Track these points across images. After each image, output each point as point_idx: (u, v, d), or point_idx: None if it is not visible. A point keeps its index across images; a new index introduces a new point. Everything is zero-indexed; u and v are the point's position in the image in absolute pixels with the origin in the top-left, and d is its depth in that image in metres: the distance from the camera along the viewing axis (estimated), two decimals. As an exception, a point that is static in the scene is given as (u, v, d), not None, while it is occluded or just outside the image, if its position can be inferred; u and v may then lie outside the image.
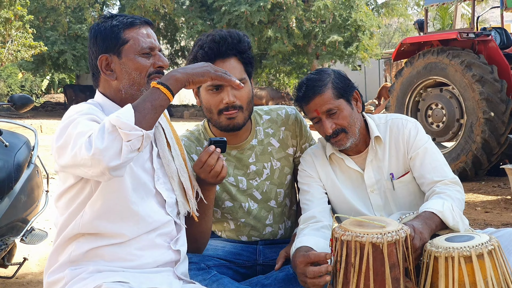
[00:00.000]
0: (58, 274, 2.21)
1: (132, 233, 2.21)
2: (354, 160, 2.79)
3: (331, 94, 2.65)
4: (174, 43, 29.43)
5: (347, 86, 2.71)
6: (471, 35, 8.95)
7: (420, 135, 2.75)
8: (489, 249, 2.08)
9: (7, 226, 3.81)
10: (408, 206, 2.74)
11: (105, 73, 2.30)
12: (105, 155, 1.89)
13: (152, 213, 2.25)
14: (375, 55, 26.74)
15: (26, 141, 4.23)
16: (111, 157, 1.90)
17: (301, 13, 24.81)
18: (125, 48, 2.27)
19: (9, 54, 20.12)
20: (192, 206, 2.42)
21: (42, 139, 12.82)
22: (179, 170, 2.40)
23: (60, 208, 2.26)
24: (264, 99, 25.54)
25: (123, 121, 1.91)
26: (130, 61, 2.27)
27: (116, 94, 2.31)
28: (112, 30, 2.29)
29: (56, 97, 36.46)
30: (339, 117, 2.66)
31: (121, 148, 1.91)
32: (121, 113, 1.94)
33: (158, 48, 2.34)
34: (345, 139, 2.68)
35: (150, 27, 2.37)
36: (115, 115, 1.92)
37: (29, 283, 4.53)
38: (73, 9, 26.45)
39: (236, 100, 2.64)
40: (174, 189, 2.36)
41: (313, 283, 2.25)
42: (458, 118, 9.02)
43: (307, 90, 2.67)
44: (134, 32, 2.29)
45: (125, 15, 2.34)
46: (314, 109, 2.67)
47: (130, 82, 2.28)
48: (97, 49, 2.31)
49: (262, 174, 2.88)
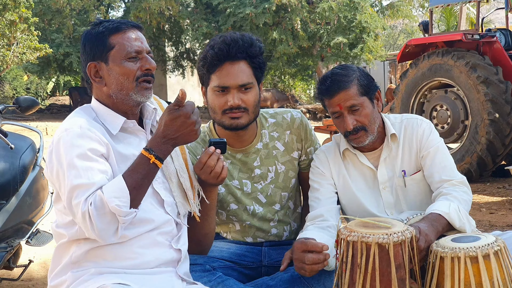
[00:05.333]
0: (60, 278, 2.23)
1: (133, 233, 2.21)
2: (368, 156, 2.80)
3: (356, 90, 2.65)
4: (179, 45, 29.42)
5: (371, 85, 2.72)
6: (476, 36, 8.95)
7: (433, 135, 2.77)
8: (495, 250, 2.08)
9: (13, 228, 3.82)
10: (418, 205, 2.75)
11: (94, 80, 2.32)
12: (102, 234, 2.06)
13: (151, 213, 2.26)
14: (380, 57, 26.67)
15: (31, 143, 4.23)
16: (109, 235, 2.08)
17: (306, 15, 24.78)
18: (111, 54, 2.28)
19: (14, 56, 20.13)
20: (192, 206, 2.43)
21: (47, 141, 12.85)
22: (179, 171, 2.41)
23: (59, 211, 2.27)
24: (269, 101, 25.54)
25: (123, 210, 2.04)
26: (117, 67, 2.28)
27: (108, 99, 2.33)
28: (98, 37, 2.30)
29: (62, 100, 36.50)
30: (361, 114, 2.66)
31: (117, 228, 2.08)
32: (119, 198, 2.05)
33: (146, 51, 2.33)
34: (364, 136, 2.69)
35: (139, 30, 2.37)
36: (115, 203, 2.03)
37: (34, 285, 4.54)
38: (78, 11, 26.43)
39: (242, 103, 2.64)
40: (172, 190, 2.37)
41: (311, 269, 2.30)
42: (463, 119, 9.02)
43: (332, 83, 2.67)
44: (120, 37, 2.29)
45: (113, 21, 2.34)
46: (337, 103, 2.66)
47: (118, 87, 2.29)
48: (86, 56, 2.33)
49: (267, 178, 2.88)
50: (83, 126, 2.19)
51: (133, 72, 2.28)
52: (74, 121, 2.22)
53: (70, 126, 2.19)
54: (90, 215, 2.02)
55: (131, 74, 2.28)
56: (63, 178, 2.12)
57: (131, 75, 2.28)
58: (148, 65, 2.31)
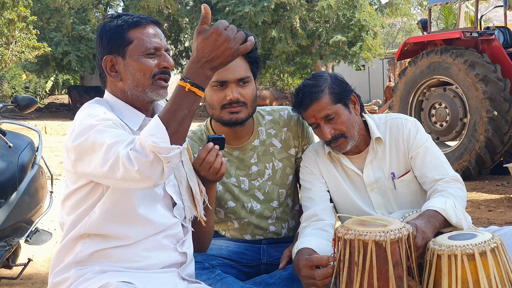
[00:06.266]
0: (63, 275, 2.20)
1: (139, 235, 2.19)
2: (353, 159, 2.79)
3: (328, 99, 2.65)
4: (178, 43, 29.42)
5: (344, 91, 2.70)
6: (475, 34, 8.95)
7: (420, 134, 2.75)
8: (492, 247, 2.08)
9: (12, 227, 3.82)
10: (409, 205, 2.75)
11: (110, 74, 2.27)
12: (147, 176, 1.91)
13: (159, 217, 2.23)
14: (379, 55, 26.69)
15: (30, 142, 4.24)
16: (155, 178, 1.93)
17: (305, 13, 24.78)
18: (129, 48, 2.24)
19: (13, 55, 20.14)
20: (200, 210, 2.40)
21: (46, 140, 12.81)
22: (188, 174, 2.38)
23: (68, 207, 2.23)
24: (268, 99, 25.51)
25: (161, 146, 1.89)
26: (134, 62, 2.23)
27: (122, 95, 2.28)
28: (117, 30, 2.25)
29: (60, 98, 36.48)
30: (337, 122, 2.66)
31: (162, 170, 1.92)
32: (155, 134, 1.90)
33: (164, 48, 2.29)
34: (345, 143, 2.69)
35: (157, 26, 2.32)
36: (151, 140, 1.89)
37: (33, 284, 4.54)
38: (76, 10, 26.46)
39: (240, 97, 2.65)
40: (182, 194, 2.35)
41: (323, 283, 2.26)
42: (461, 117, 9.02)
43: (304, 96, 2.67)
44: (139, 32, 2.25)
45: (132, 15, 2.30)
46: (312, 115, 2.67)
47: (134, 83, 2.24)
48: (103, 49, 2.28)
49: (264, 175, 2.89)
50: (107, 113, 2.15)
51: (151, 68, 2.23)
52: (95, 108, 2.18)
53: (94, 112, 2.13)
54: (132, 158, 1.90)
55: (148, 70, 2.23)
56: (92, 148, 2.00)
57: (148, 71, 2.23)
58: (166, 63, 2.26)
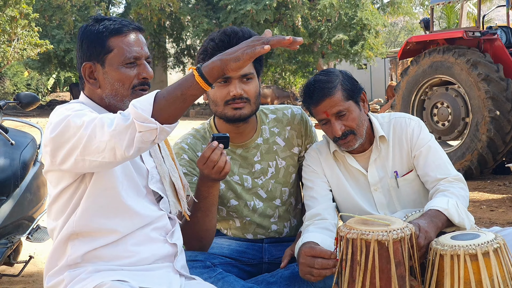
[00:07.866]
0: (57, 278, 2.20)
1: (126, 228, 2.19)
2: (358, 158, 2.79)
3: (341, 95, 2.63)
4: (180, 41, 29.41)
5: (356, 88, 2.70)
6: (477, 33, 8.94)
7: (423, 133, 2.75)
8: (495, 247, 2.08)
9: (13, 224, 3.83)
10: (412, 204, 2.75)
11: (88, 81, 2.24)
12: (117, 146, 1.88)
13: (145, 209, 2.23)
14: (381, 54, 26.66)
15: (32, 139, 4.24)
16: (123, 148, 1.89)
17: (307, 11, 24.76)
18: (109, 57, 2.20)
19: (15, 52, 20.13)
20: (183, 205, 2.41)
21: (48, 138, 12.75)
22: (170, 170, 2.38)
23: (55, 212, 2.22)
24: (269, 97, 25.51)
25: (139, 112, 1.86)
26: (114, 71, 2.20)
27: (100, 101, 2.26)
28: (98, 37, 2.21)
29: (62, 96, 36.54)
30: (348, 119, 2.65)
31: (133, 141, 1.88)
32: (140, 101, 1.89)
33: (145, 57, 2.25)
34: (353, 140, 2.68)
35: (140, 33, 2.29)
36: (133, 102, 1.89)
37: (35, 281, 4.54)
38: (78, 7, 26.47)
39: (244, 93, 2.64)
40: (166, 189, 2.34)
41: (319, 273, 2.28)
42: (463, 116, 9.01)
43: (316, 92, 2.65)
44: (120, 40, 2.21)
45: (115, 20, 2.26)
46: (323, 111, 2.65)
47: (113, 92, 2.22)
48: (82, 55, 2.25)
49: (267, 173, 2.89)
50: (83, 107, 2.13)
51: (130, 79, 2.20)
52: (70, 104, 2.16)
53: (69, 107, 2.11)
54: (115, 119, 1.89)
55: (127, 81, 2.20)
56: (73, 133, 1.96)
57: (127, 82, 2.20)
58: (145, 73, 2.23)
